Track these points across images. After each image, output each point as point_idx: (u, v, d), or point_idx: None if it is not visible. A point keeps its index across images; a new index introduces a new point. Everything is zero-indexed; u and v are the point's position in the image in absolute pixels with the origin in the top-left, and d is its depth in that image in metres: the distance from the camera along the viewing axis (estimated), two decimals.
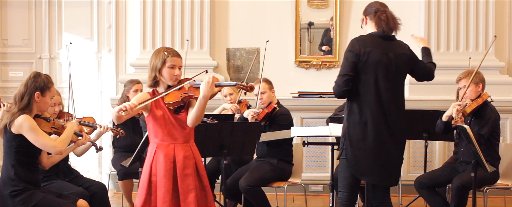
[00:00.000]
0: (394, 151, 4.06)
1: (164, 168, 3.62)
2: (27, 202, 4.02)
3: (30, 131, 3.95)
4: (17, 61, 7.64)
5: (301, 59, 7.28)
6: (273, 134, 5.24)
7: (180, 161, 3.64)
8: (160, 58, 3.63)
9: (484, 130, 5.02)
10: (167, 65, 3.62)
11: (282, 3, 7.29)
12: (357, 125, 4.01)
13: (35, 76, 4.08)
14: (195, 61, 6.92)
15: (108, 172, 6.59)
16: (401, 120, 4.09)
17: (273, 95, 5.54)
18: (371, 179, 4.10)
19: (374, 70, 3.99)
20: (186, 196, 3.62)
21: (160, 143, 3.67)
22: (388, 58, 4.02)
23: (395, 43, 4.13)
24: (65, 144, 4.10)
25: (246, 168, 5.43)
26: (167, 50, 3.68)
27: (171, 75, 3.64)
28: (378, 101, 4.00)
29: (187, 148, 3.69)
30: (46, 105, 4.16)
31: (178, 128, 3.66)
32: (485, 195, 5.17)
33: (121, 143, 5.92)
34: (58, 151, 4.05)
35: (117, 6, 7.38)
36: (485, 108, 5.12)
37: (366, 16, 4.17)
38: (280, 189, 5.85)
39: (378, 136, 4.00)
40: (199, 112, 3.57)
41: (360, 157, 4.02)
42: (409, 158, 6.95)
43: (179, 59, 3.68)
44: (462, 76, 5.22)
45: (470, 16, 7.09)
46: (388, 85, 4.01)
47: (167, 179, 3.61)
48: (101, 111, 7.54)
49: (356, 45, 4.02)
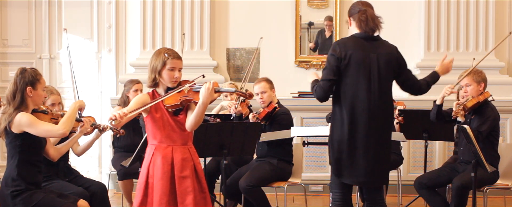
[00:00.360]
0: (379, 152, 4.01)
1: (161, 170, 3.61)
2: (27, 202, 4.01)
3: (30, 124, 3.94)
4: (17, 61, 7.64)
5: (301, 59, 7.28)
6: (273, 134, 5.24)
7: (178, 163, 3.63)
8: (161, 60, 3.62)
9: (483, 127, 5.02)
10: (167, 67, 3.61)
11: (282, 3, 7.29)
12: (340, 128, 3.99)
13: (21, 72, 4.05)
14: (195, 61, 6.93)
15: (108, 172, 6.59)
16: (386, 120, 4.06)
17: (274, 95, 5.54)
18: (354, 181, 4.05)
19: (356, 72, 3.95)
20: (184, 198, 3.61)
21: (158, 145, 3.66)
22: (371, 59, 3.97)
23: (379, 43, 4.06)
24: (68, 125, 3.99)
25: (246, 168, 5.43)
26: (167, 52, 3.65)
27: (170, 78, 3.63)
28: (362, 103, 3.96)
29: (185, 150, 3.68)
30: (40, 98, 4.14)
31: (176, 130, 3.65)
32: (485, 195, 5.17)
33: (121, 143, 5.92)
34: (63, 133, 3.96)
35: (117, 6, 7.38)
36: (486, 106, 5.12)
37: (350, 17, 4.11)
38: (280, 189, 5.85)
39: (361, 138, 3.97)
40: (198, 117, 3.57)
41: (342, 159, 4.01)
42: (409, 158, 6.95)
43: (179, 61, 3.66)
44: (465, 74, 5.20)
45: (470, 16, 7.09)
46: (372, 86, 3.97)
47: (164, 181, 3.61)
48: (101, 111, 7.54)
49: (337, 49, 3.98)
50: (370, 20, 4.01)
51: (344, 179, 4.06)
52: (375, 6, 4.08)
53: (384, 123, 4.04)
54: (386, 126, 4.07)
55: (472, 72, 5.15)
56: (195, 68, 6.60)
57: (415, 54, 7.20)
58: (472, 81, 5.12)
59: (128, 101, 5.98)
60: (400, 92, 6.92)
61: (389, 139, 4.13)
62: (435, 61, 7.09)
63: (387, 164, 4.12)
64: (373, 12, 4.05)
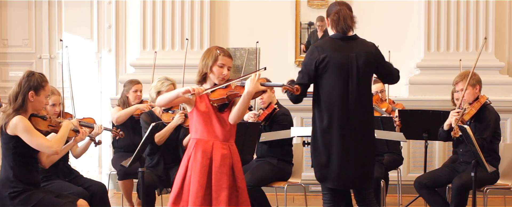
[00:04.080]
0: (361, 154, 3.97)
1: (200, 163, 3.66)
2: (26, 202, 3.99)
3: (25, 132, 3.91)
4: (17, 61, 7.65)
5: (301, 59, 7.26)
6: (273, 134, 5.24)
7: (217, 159, 3.68)
8: (213, 56, 3.71)
9: (486, 133, 5.00)
10: (217, 63, 3.70)
11: (282, 3, 7.29)
12: (320, 132, 3.97)
13: (28, 75, 4.02)
14: (195, 61, 6.85)
15: (108, 172, 6.59)
16: (367, 121, 4.01)
17: (273, 95, 5.54)
18: (335, 184, 4.02)
19: (335, 74, 3.91)
20: (219, 194, 3.65)
21: (199, 139, 3.71)
22: (349, 59, 3.92)
23: (357, 42, 4.00)
24: (60, 144, 4.04)
25: (246, 168, 5.42)
26: (219, 49, 3.76)
27: (219, 74, 3.70)
28: (341, 105, 3.92)
29: (226, 147, 3.73)
30: (41, 104, 4.09)
31: (219, 126, 3.70)
32: (485, 195, 5.17)
33: (121, 143, 5.91)
34: (54, 151, 3.99)
35: (117, 6, 7.38)
36: (484, 111, 5.09)
37: (327, 17, 4.06)
38: (280, 189, 5.85)
39: (341, 141, 3.93)
40: (242, 108, 3.63)
41: (322, 163, 3.99)
42: (409, 158, 6.95)
43: (229, 59, 3.75)
44: (459, 79, 5.16)
45: (470, 16, 7.09)
46: (351, 87, 3.93)
47: (202, 174, 3.65)
48: (101, 111, 7.54)
49: (315, 52, 3.95)
50: (342, 20, 3.94)
51: (326, 183, 4.04)
52: (375, 6, 4.08)
53: (363, 125, 3.99)
54: (365, 127, 4.01)
55: (466, 76, 5.09)
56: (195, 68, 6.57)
57: (415, 54, 7.20)
58: (467, 85, 5.05)
59: (128, 101, 5.98)
60: (400, 92, 6.98)
61: (371, 140, 4.06)
62: (435, 61, 7.17)
63: (370, 165, 4.06)
64: (346, 12, 3.96)
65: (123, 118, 5.81)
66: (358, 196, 4.16)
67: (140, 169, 4.64)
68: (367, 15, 6.86)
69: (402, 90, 7.07)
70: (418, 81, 7.06)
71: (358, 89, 3.94)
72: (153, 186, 5.16)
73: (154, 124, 4.65)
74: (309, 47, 4.14)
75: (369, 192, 4.15)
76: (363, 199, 4.14)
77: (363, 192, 4.14)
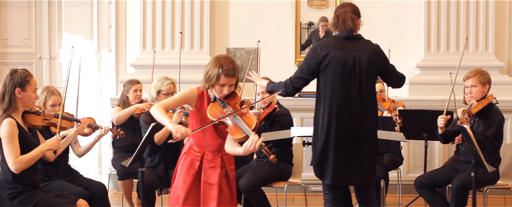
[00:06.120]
0: (361, 153, 4.00)
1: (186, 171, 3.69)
2: (26, 203, 3.99)
3: (4, 137, 3.89)
4: (17, 61, 7.64)
5: (301, 59, 7.26)
6: (273, 134, 5.23)
7: (206, 169, 3.68)
8: (216, 74, 3.59)
9: (489, 131, 5.00)
10: (219, 83, 3.61)
11: (282, 3, 7.29)
12: (321, 130, 3.99)
13: (11, 73, 4.00)
14: (195, 61, 6.92)
15: (108, 172, 6.59)
16: (368, 120, 4.03)
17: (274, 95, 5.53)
18: (336, 182, 4.04)
19: (337, 72, 3.95)
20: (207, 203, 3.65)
21: (192, 146, 3.72)
22: (352, 58, 3.96)
23: (360, 42, 4.06)
24: (26, 165, 3.94)
25: (246, 168, 5.42)
26: (223, 67, 3.59)
27: (219, 92, 3.64)
28: (340, 104, 3.95)
29: (217, 158, 3.71)
30: (31, 99, 4.06)
31: (211, 137, 3.69)
32: (485, 195, 5.17)
33: (121, 143, 5.91)
34: (15, 170, 3.90)
35: (117, 6, 7.38)
36: (490, 110, 5.10)
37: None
38: (280, 189, 5.85)
39: (342, 139, 3.95)
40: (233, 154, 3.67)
41: (322, 161, 4.01)
42: (409, 158, 6.95)
43: (231, 79, 3.63)
44: (471, 75, 5.14)
45: (470, 16, 7.09)
46: (352, 86, 3.96)
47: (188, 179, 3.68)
48: (101, 111, 7.54)
49: (318, 49, 3.99)
50: (341, 23, 4.02)
51: (326, 180, 4.05)
52: (375, 6, 4.09)
53: (364, 123, 4.01)
54: (366, 125, 4.03)
55: (478, 73, 5.12)
56: (195, 68, 6.59)
57: (415, 54, 7.21)
58: (477, 83, 5.07)
59: (128, 101, 5.98)
60: (400, 92, 6.98)
61: (372, 139, 4.09)
62: (435, 61, 7.17)
63: (370, 164, 4.09)
64: (347, 15, 4.03)
65: (123, 118, 5.81)
66: (359, 196, 4.17)
67: (140, 169, 4.64)
68: (367, 15, 6.77)
69: (402, 90, 7.06)
70: (418, 81, 7.07)
71: (360, 88, 3.97)
72: (153, 186, 5.16)
73: (154, 124, 4.64)
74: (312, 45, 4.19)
75: (371, 192, 4.16)
76: (365, 199, 4.14)
77: (364, 192, 4.14)
